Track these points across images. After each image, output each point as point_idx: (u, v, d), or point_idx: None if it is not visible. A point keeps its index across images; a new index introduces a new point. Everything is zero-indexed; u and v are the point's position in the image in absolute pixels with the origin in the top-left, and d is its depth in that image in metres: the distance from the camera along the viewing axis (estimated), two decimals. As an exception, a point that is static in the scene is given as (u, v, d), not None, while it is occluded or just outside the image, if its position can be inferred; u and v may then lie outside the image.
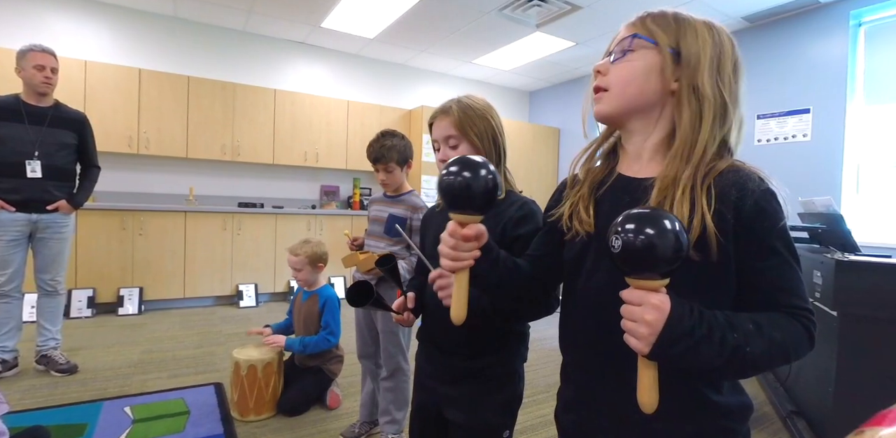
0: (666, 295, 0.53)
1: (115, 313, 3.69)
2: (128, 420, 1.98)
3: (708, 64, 0.64)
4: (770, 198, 0.61)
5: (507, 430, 1.01)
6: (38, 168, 2.38)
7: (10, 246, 2.37)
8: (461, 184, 0.64)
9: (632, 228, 0.52)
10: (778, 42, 4.05)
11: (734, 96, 0.66)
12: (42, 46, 2.39)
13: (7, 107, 2.34)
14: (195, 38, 4.51)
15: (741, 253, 0.61)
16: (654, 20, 0.68)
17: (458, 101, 1.06)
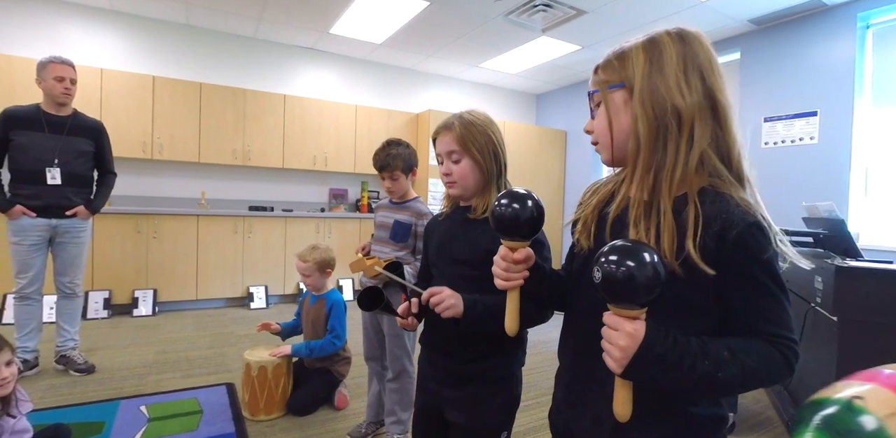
0: (643, 322, 0.57)
1: (129, 314, 3.79)
2: (143, 418, 2.05)
3: (646, 85, 0.66)
4: (755, 232, 0.61)
5: (504, 431, 1.06)
6: (58, 175, 2.47)
7: (32, 250, 2.46)
8: (511, 215, 0.73)
9: (613, 260, 0.56)
10: (785, 44, 4.04)
11: (703, 106, 0.65)
12: (62, 58, 2.48)
13: (28, 116, 2.44)
14: (207, 46, 4.61)
15: (725, 283, 0.62)
16: (603, 69, 0.72)
17: (461, 117, 1.11)
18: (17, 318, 2.51)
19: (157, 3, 4.05)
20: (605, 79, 0.72)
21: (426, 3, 3.87)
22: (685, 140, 0.65)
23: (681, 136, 0.66)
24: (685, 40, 0.67)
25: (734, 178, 0.67)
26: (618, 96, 0.70)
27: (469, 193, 1.13)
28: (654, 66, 0.67)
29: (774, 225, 0.64)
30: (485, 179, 1.11)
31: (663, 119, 0.65)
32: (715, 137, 0.66)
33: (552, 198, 6.14)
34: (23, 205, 2.42)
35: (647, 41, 0.69)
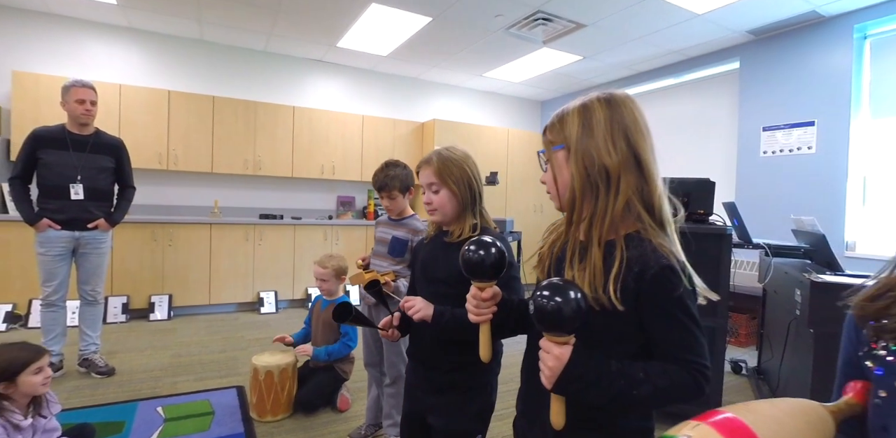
0: (570, 347, 0.69)
1: (146, 319, 3.98)
2: (160, 419, 2.20)
3: (580, 147, 0.78)
4: (668, 274, 0.72)
5: (479, 434, 1.18)
6: (81, 190, 2.65)
7: (56, 260, 2.64)
8: (477, 260, 0.86)
9: (544, 295, 0.68)
10: (783, 54, 4.10)
11: (628, 163, 0.76)
12: (83, 82, 2.66)
13: (54, 136, 2.63)
14: (219, 60, 4.81)
15: (645, 316, 0.74)
16: (549, 131, 0.84)
17: (439, 153, 1.24)
18: (44, 324, 2.69)
19: (172, 19, 4.24)
20: (550, 140, 0.84)
21: (429, 19, 4.00)
22: (612, 192, 0.77)
23: (609, 189, 0.77)
24: (612, 105, 0.79)
25: (657, 224, 0.78)
26: (560, 155, 0.82)
27: (448, 219, 1.25)
28: (585, 129, 0.79)
29: (689, 267, 0.75)
30: (461, 207, 1.23)
31: (594, 175, 0.78)
32: (639, 189, 0.78)
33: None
34: (49, 219, 2.59)
35: (581, 106, 0.81)
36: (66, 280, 2.72)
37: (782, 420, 0.50)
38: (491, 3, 3.69)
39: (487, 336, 0.90)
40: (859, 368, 0.60)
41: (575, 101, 0.82)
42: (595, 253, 0.76)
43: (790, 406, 0.53)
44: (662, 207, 0.79)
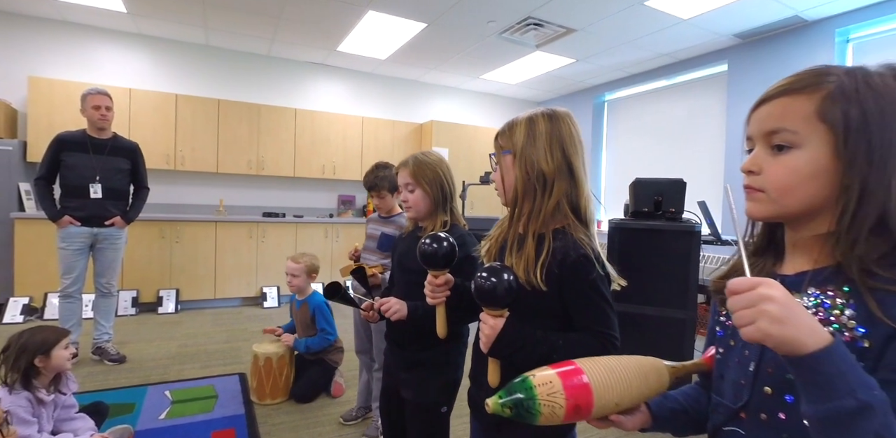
0: (503, 319, 0.85)
1: (155, 312, 4.17)
2: (167, 401, 2.39)
3: (523, 154, 0.94)
4: (584, 261, 0.88)
5: (444, 406, 1.34)
6: (99, 190, 2.86)
7: (76, 254, 2.84)
8: (431, 251, 1.00)
9: (482, 276, 0.84)
10: (769, 57, 4.22)
11: (561, 170, 0.92)
12: (98, 89, 2.86)
13: (76, 140, 2.85)
14: (224, 64, 4.99)
15: (565, 295, 0.90)
16: (500, 137, 0.99)
17: (415, 158, 1.40)
18: (61, 314, 2.88)
19: (180, 25, 4.43)
20: (501, 146, 0.99)
21: (424, 25, 4.16)
22: (547, 194, 0.93)
23: (544, 191, 0.94)
24: (553, 120, 0.95)
25: (581, 222, 0.94)
26: (507, 159, 0.98)
27: (421, 215, 1.42)
28: (529, 139, 0.95)
29: (603, 258, 0.92)
30: (433, 205, 1.39)
31: (533, 179, 0.94)
32: (569, 192, 0.94)
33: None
34: (70, 216, 2.80)
35: (528, 119, 0.97)
36: (84, 273, 2.91)
37: (614, 368, 0.63)
38: (483, 10, 3.84)
39: (443, 316, 1.06)
40: (714, 334, 0.75)
41: (524, 114, 0.98)
42: (529, 243, 0.92)
43: (631, 360, 0.67)
44: (587, 208, 0.95)
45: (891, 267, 0.51)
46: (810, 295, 0.56)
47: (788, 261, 0.63)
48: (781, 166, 0.57)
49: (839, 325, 0.53)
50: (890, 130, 0.53)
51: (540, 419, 0.61)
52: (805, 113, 0.55)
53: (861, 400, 0.43)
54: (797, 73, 0.58)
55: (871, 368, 0.49)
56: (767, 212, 0.59)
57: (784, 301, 0.46)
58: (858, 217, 0.53)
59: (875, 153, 0.53)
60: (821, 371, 0.45)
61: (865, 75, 0.54)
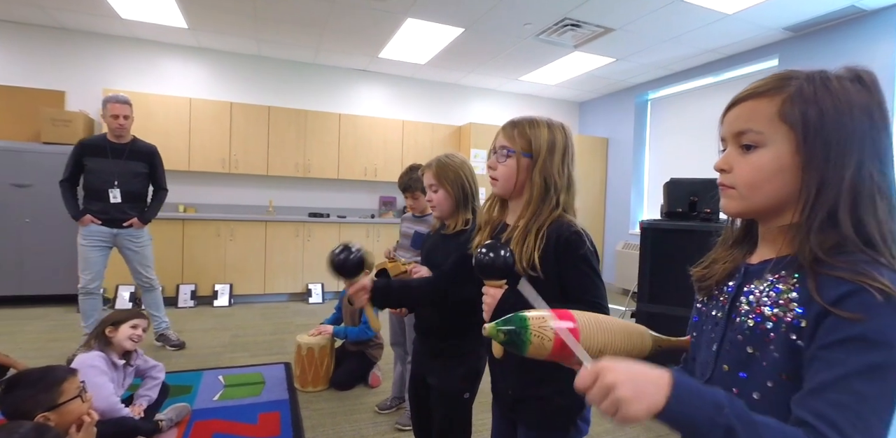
0: (501, 289, 0.94)
1: (211, 304, 4.49)
2: (220, 385, 2.60)
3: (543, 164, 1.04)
4: (575, 237, 0.99)
5: (467, 392, 1.42)
6: (119, 194, 3.00)
7: (94, 250, 2.97)
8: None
9: (482, 252, 0.94)
10: (823, 51, 4.02)
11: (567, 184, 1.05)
12: (117, 97, 2.96)
13: (96, 145, 2.97)
14: (274, 73, 5.30)
15: (560, 269, 0.99)
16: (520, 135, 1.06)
17: (439, 160, 1.50)
18: (83, 310, 3.01)
19: (235, 38, 4.75)
20: (521, 147, 1.06)
21: (461, 30, 4.26)
22: (553, 203, 1.04)
23: (551, 200, 1.05)
24: (566, 133, 1.07)
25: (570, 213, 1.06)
26: (525, 161, 1.06)
27: (445, 214, 1.51)
28: (550, 148, 1.05)
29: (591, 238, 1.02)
30: (455, 204, 1.49)
31: (548, 188, 1.04)
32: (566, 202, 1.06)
33: (593, 206, 6.29)
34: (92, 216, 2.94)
35: (547, 127, 1.06)
36: (103, 271, 3.04)
37: (602, 321, 0.69)
38: (519, 13, 3.89)
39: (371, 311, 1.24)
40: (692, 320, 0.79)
41: (540, 118, 1.08)
42: (531, 238, 1.01)
43: (622, 322, 0.73)
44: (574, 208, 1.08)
45: (836, 255, 0.56)
46: (766, 280, 0.61)
47: (757, 251, 0.67)
48: (749, 164, 0.61)
49: (783, 307, 0.57)
50: (845, 130, 0.57)
51: (529, 348, 0.65)
52: (768, 114, 0.60)
53: (723, 426, 0.48)
54: (763, 78, 0.62)
55: (805, 346, 0.54)
56: (738, 207, 0.64)
57: (625, 378, 0.50)
58: (814, 210, 0.57)
59: (831, 151, 0.57)
60: (681, 414, 0.50)
61: (824, 78, 0.59)
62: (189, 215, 4.59)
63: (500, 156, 1.09)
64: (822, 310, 0.53)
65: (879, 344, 0.50)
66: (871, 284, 0.51)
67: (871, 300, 0.50)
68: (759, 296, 0.61)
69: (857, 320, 0.50)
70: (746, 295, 0.63)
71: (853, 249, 0.56)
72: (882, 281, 0.51)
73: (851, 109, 0.57)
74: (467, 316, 1.40)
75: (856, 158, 0.57)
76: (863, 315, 0.50)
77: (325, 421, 2.27)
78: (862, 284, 0.51)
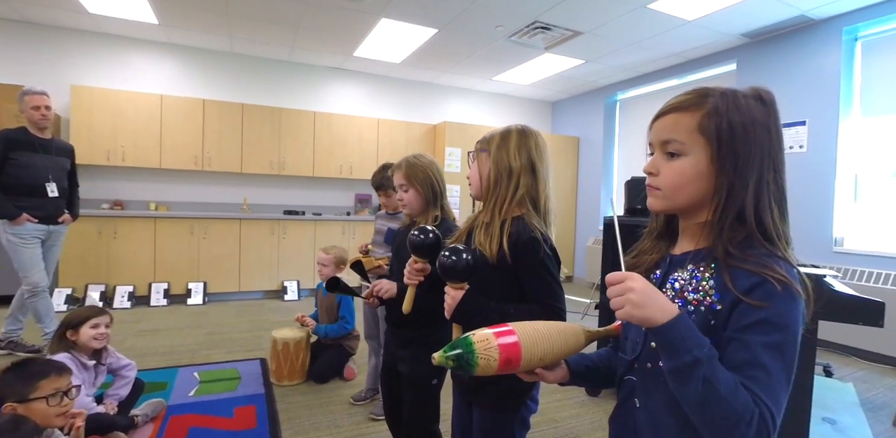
0: (462, 291, 1.03)
1: (184, 303, 4.47)
2: (195, 381, 2.63)
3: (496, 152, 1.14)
4: (532, 242, 1.07)
5: (435, 379, 1.51)
6: (55, 188, 2.94)
7: (36, 249, 2.90)
8: (419, 241, 1.18)
9: (444, 255, 1.02)
10: (776, 56, 4.25)
11: (526, 169, 1.12)
12: (35, 89, 2.86)
13: (23, 139, 2.85)
14: (248, 70, 5.27)
15: (518, 272, 1.08)
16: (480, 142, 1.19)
17: (408, 160, 1.58)
18: (42, 310, 2.92)
19: (206, 34, 4.71)
20: (479, 147, 1.20)
21: (435, 30, 4.34)
22: (513, 185, 1.13)
23: (510, 182, 1.13)
24: (523, 133, 1.16)
25: (537, 212, 1.14)
26: (483, 156, 1.18)
27: (415, 212, 1.59)
28: (503, 142, 1.15)
29: (552, 242, 1.10)
30: (425, 203, 1.57)
31: (502, 170, 1.14)
32: (531, 187, 1.14)
33: (565, 204, 6.46)
34: (28, 214, 2.84)
35: (503, 129, 1.18)
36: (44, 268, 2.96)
37: (540, 330, 0.77)
38: (490, 16, 3.99)
39: (411, 295, 1.24)
40: None
41: (502, 127, 1.19)
42: (495, 227, 1.11)
43: (555, 324, 0.80)
44: (546, 202, 1.15)
45: (744, 249, 0.67)
46: (687, 270, 0.72)
47: (679, 244, 0.78)
48: (672, 170, 0.72)
49: (703, 292, 0.68)
50: (750, 142, 0.68)
51: (477, 370, 0.72)
52: (690, 127, 0.69)
53: (695, 356, 0.59)
54: (686, 93, 0.73)
55: (721, 326, 0.65)
56: (662, 205, 0.75)
57: (642, 290, 0.61)
58: (725, 210, 0.68)
59: (739, 161, 0.67)
60: (668, 337, 0.61)
61: (734, 97, 0.70)
62: (161, 213, 4.54)
63: (469, 162, 1.21)
64: (736, 298, 0.64)
65: (780, 326, 0.61)
66: (772, 276, 0.62)
67: (773, 290, 0.62)
68: (683, 284, 0.72)
69: (762, 307, 0.62)
70: (672, 282, 0.74)
71: (757, 244, 0.67)
72: (780, 273, 0.63)
73: (754, 125, 0.68)
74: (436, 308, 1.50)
75: (757, 168, 0.68)
76: (766, 302, 0.62)
77: (300, 413, 2.33)
78: (765, 276, 0.63)
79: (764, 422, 0.58)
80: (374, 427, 2.20)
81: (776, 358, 0.60)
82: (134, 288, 4.32)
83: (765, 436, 0.58)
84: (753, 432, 0.57)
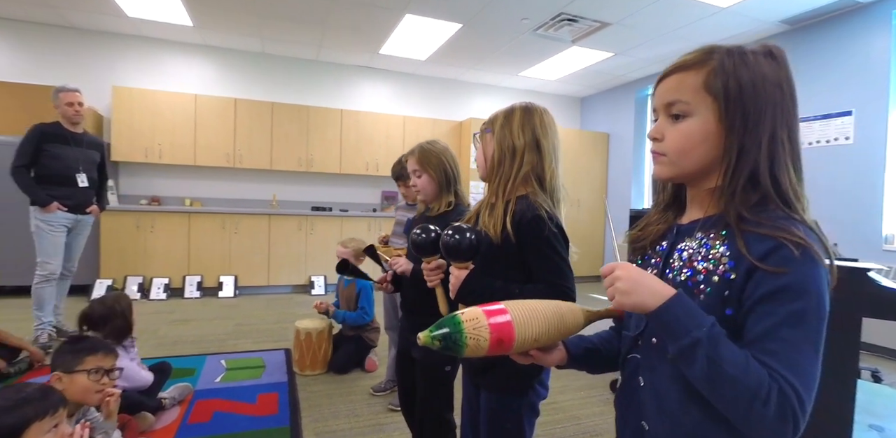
0: (466, 271, 1.01)
1: (216, 295, 4.61)
2: (222, 368, 2.70)
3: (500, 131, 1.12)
4: (537, 220, 1.03)
5: (448, 365, 1.49)
6: (85, 179, 3.09)
7: (61, 237, 3.03)
8: (424, 241, 1.09)
9: (448, 234, 1.00)
10: (818, 44, 4.03)
11: (530, 146, 1.09)
12: (69, 87, 3.02)
13: (57, 132, 3.01)
14: (277, 70, 5.40)
15: (524, 251, 1.05)
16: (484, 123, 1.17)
17: (421, 147, 1.57)
18: (44, 298, 2.97)
19: (238, 36, 4.85)
20: (483, 129, 1.18)
21: (459, 25, 4.32)
22: (517, 163, 1.10)
23: (514, 160, 1.10)
24: (527, 110, 1.13)
25: (543, 190, 1.10)
26: (487, 136, 1.16)
27: (429, 198, 1.58)
28: (506, 121, 1.13)
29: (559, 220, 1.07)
30: (439, 188, 1.56)
31: (506, 149, 1.11)
32: (535, 164, 1.10)
33: (595, 201, 6.32)
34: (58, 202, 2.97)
35: (508, 108, 1.15)
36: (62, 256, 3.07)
37: (535, 308, 0.71)
38: (515, 8, 3.95)
39: (441, 295, 1.16)
40: None
41: (507, 105, 1.16)
42: (499, 207, 1.08)
43: (552, 303, 0.74)
44: (552, 179, 1.11)
45: (758, 213, 0.62)
46: (696, 239, 0.67)
47: (687, 213, 0.74)
48: (678, 132, 0.68)
49: (714, 260, 0.64)
50: (761, 100, 0.63)
51: (466, 350, 0.66)
52: (695, 86, 0.66)
53: (694, 337, 0.56)
54: (689, 53, 0.69)
55: (735, 297, 0.60)
56: (669, 172, 0.70)
57: (628, 277, 0.61)
58: (736, 173, 0.64)
59: (749, 119, 0.63)
60: (663, 321, 0.59)
61: (742, 53, 0.65)
62: (195, 209, 4.71)
63: (475, 144, 1.20)
64: (751, 266, 0.59)
65: (800, 293, 0.56)
66: (789, 239, 0.57)
67: (790, 254, 0.57)
68: (691, 253, 0.67)
69: (779, 273, 0.57)
70: (679, 252, 0.69)
71: (773, 207, 0.62)
72: (798, 234, 0.58)
73: (765, 82, 0.64)
74: (449, 293, 1.49)
75: (769, 126, 0.63)
76: (784, 268, 0.57)
77: (321, 402, 2.35)
78: (781, 240, 0.58)
79: (785, 398, 0.53)
80: (392, 417, 2.20)
81: (797, 328, 0.56)
82: (169, 280, 4.49)
83: (789, 413, 0.53)
84: (773, 410, 0.53)
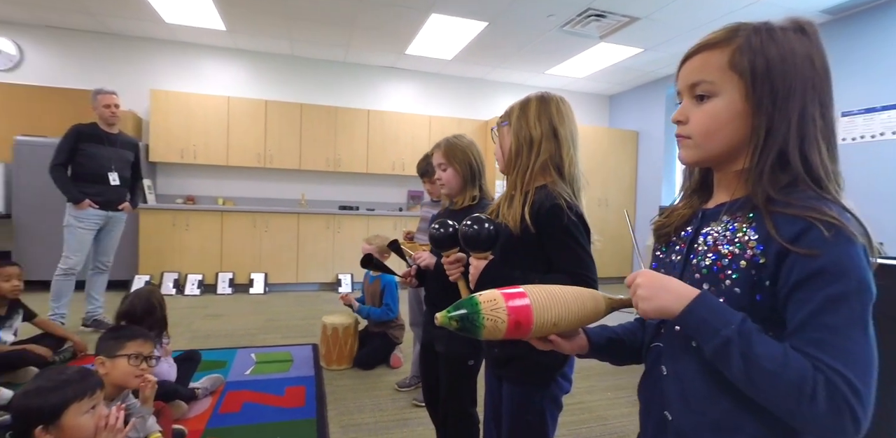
0: (485, 261, 1.01)
1: (247, 292, 4.73)
2: (252, 361, 2.77)
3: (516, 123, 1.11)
4: (556, 209, 1.02)
5: (471, 359, 1.49)
6: (117, 178, 3.21)
7: (90, 234, 3.14)
8: (442, 235, 1.11)
9: (468, 225, 1.00)
10: (862, 34, 3.84)
11: (547, 135, 1.08)
12: (107, 90, 3.15)
13: (93, 132, 3.14)
14: (307, 72, 5.52)
15: (543, 240, 1.04)
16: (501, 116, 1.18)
17: (447, 140, 1.57)
18: (61, 291, 3.07)
19: (269, 39, 4.98)
20: (499, 121, 1.18)
21: (485, 23, 4.32)
22: (535, 153, 1.09)
23: (531, 151, 1.10)
24: (543, 100, 1.12)
25: (561, 179, 1.09)
26: (505, 129, 1.16)
27: (454, 192, 1.59)
28: (522, 112, 1.12)
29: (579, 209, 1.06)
30: (463, 182, 1.56)
31: (523, 140, 1.11)
32: (554, 153, 1.09)
33: (623, 199, 6.20)
34: (90, 200, 3.09)
35: (523, 99, 1.15)
36: (87, 252, 3.18)
37: (555, 293, 0.69)
38: (542, 5, 3.91)
39: (464, 288, 1.14)
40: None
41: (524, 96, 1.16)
42: (517, 198, 1.08)
43: (574, 288, 0.72)
44: (571, 167, 1.10)
45: (788, 194, 0.59)
46: (722, 222, 0.65)
47: (714, 197, 0.71)
48: (703, 113, 0.65)
49: (741, 244, 0.61)
50: (790, 76, 0.61)
51: (483, 332, 0.66)
52: (719, 64, 0.63)
53: (723, 336, 0.55)
54: (714, 31, 0.67)
55: (766, 282, 0.58)
56: (695, 156, 0.68)
57: (648, 283, 0.61)
58: (764, 152, 0.61)
59: (778, 96, 0.60)
60: (689, 323, 0.58)
61: (769, 29, 0.63)
62: (228, 207, 4.85)
63: (493, 138, 1.20)
64: (782, 249, 0.56)
65: (838, 275, 0.53)
66: (819, 218, 0.54)
67: (822, 235, 0.54)
68: (717, 237, 0.64)
69: (813, 255, 0.54)
70: (704, 236, 0.67)
71: (804, 188, 0.59)
72: (830, 214, 0.54)
73: (794, 57, 0.61)
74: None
75: (800, 103, 0.60)
76: (818, 250, 0.54)
77: (346, 396, 2.38)
78: (812, 220, 0.55)
79: (835, 389, 0.49)
80: (416, 413, 2.21)
81: (839, 312, 0.52)
82: (203, 276, 4.64)
83: (843, 406, 0.49)
84: (823, 404, 0.49)
